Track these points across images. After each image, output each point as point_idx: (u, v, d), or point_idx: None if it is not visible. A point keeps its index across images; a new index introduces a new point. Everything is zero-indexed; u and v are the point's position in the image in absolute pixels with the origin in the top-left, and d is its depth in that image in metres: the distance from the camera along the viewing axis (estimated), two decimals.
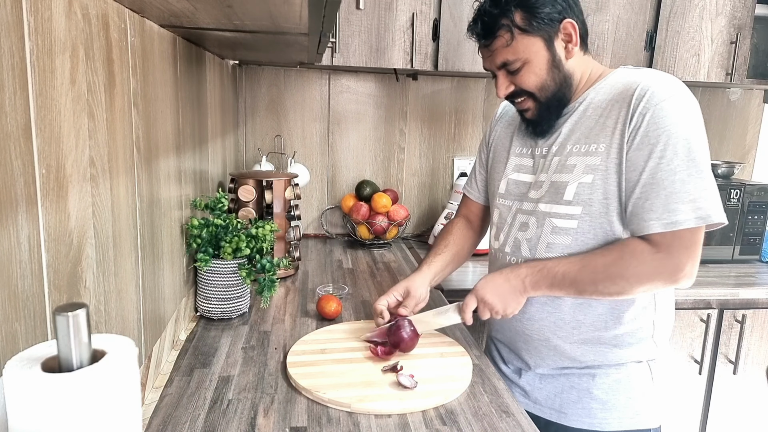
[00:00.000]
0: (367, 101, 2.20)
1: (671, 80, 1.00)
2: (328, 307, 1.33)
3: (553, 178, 1.07)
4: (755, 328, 1.88)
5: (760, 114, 2.47)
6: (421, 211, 2.33)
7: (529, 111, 1.10)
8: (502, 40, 1.04)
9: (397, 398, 0.97)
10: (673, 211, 0.94)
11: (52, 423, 0.45)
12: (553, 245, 1.07)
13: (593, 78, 1.09)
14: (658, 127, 0.95)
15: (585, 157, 1.03)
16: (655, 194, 0.95)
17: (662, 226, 0.95)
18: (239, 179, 1.63)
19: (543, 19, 1.01)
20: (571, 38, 1.04)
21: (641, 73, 1.02)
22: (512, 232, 1.15)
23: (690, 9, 1.95)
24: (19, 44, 0.55)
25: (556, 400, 1.13)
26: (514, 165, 1.18)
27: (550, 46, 1.04)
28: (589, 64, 1.10)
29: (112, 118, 0.80)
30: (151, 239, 1.01)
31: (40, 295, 0.61)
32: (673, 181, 0.94)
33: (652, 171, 0.96)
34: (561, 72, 1.06)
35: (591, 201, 1.02)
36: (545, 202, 1.08)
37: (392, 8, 1.81)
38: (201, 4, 0.80)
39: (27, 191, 0.57)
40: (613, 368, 1.09)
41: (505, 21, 1.02)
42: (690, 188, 0.94)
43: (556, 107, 1.08)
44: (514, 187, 1.17)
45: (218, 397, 0.98)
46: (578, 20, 1.05)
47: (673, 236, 0.95)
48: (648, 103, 0.96)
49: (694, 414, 1.93)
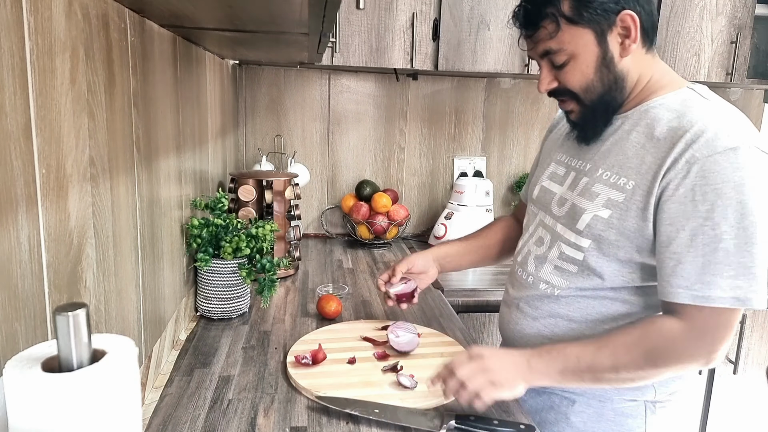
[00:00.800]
0: (367, 101, 2.20)
1: (736, 125, 0.85)
2: (328, 306, 1.33)
3: (575, 200, 0.98)
4: (755, 328, 1.88)
5: (761, 114, 2.47)
6: (421, 210, 2.33)
7: (573, 113, 0.99)
8: (545, 30, 0.92)
9: (397, 398, 0.97)
10: (708, 284, 0.82)
11: (52, 423, 0.45)
12: (561, 270, 0.99)
13: (654, 86, 0.94)
14: (707, 183, 0.82)
15: (611, 189, 0.92)
16: (691, 259, 0.83)
17: (691, 297, 0.83)
18: (239, 179, 1.63)
19: (596, 8, 0.88)
20: (630, 33, 0.90)
21: (706, 108, 0.88)
22: (529, 242, 1.09)
23: (690, 9, 1.95)
24: (19, 44, 0.55)
25: (536, 417, 1.06)
26: (550, 172, 1.09)
27: (602, 41, 0.90)
28: (652, 66, 0.95)
29: (112, 117, 0.80)
30: (151, 239, 1.01)
31: (40, 295, 0.61)
32: (715, 249, 0.81)
33: (693, 232, 0.83)
34: (611, 72, 0.92)
35: (602, 238, 0.92)
36: (562, 223, 1.00)
37: (392, 8, 1.81)
38: (201, 4, 0.80)
39: (27, 191, 0.57)
40: (596, 400, 1.00)
41: (551, 9, 0.90)
42: (735, 261, 0.81)
43: (603, 112, 0.96)
44: (543, 196, 1.08)
45: (218, 397, 0.98)
46: (643, 11, 0.90)
47: (709, 315, 0.83)
48: (701, 151, 0.83)
49: (694, 414, 1.93)
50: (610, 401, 1.00)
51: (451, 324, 1.34)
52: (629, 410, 0.99)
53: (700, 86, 0.94)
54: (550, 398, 1.05)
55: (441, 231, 2.04)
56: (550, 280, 1.01)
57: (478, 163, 2.31)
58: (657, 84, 0.94)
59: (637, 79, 0.94)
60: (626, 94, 0.95)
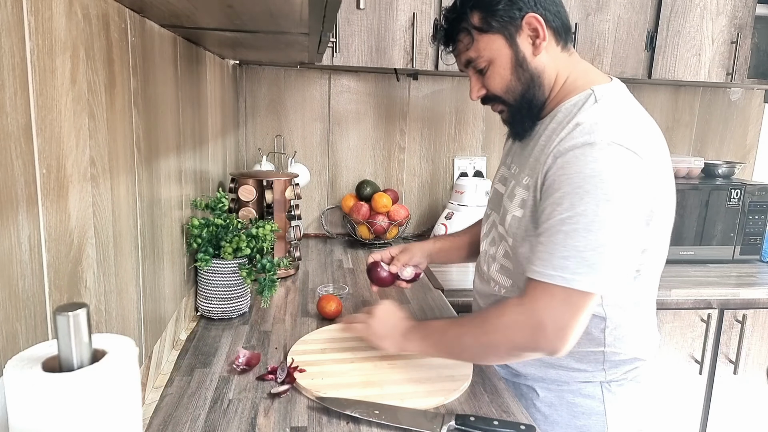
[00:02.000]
0: (367, 101, 2.20)
1: (609, 122, 0.90)
2: (329, 306, 1.33)
3: (504, 202, 1.05)
4: (756, 328, 1.88)
5: (761, 114, 2.47)
6: (421, 210, 2.33)
7: (503, 113, 1.07)
8: (462, 44, 1.01)
9: (397, 398, 0.97)
10: (544, 261, 0.88)
11: (53, 423, 0.45)
12: (504, 268, 1.06)
13: (569, 88, 1.00)
14: (564, 173, 0.88)
15: (522, 190, 0.99)
16: (543, 241, 0.89)
17: (531, 272, 0.89)
18: (240, 179, 1.63)
19: (501, 16, 0.96)
20: (538, 33, 0.96)
21: (589, 109, 0.94)
22: (484, 242, 1.16)
23: (691, 9, 1.95)
24: (19, 44, 0.55)
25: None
26: (499, 175, 1.16)
27: (513, 44, 0.98)
28: (569, 65, 1.01)
29: (113, 117, 0.80)
30: (151, 239, 1.01)
31: (40, 295, 0.61)
32: (558, 231, 0.87)
33: (547, 217, 0.89)
34: (527, 71, 0.98)
35: (516, 235, 1.00)
36: (500, 223, 1.07)
37: (392, 8, 1.81)
38: (201, 4, 0.80)
39: (27, 191, 0.57)
40: (554, 384, 1.07)
41: (464, 24, 0.99)
42: (570, 244, 0.86)
43: (528, 109, 1.02)
44: (494, 197, 1.15)
45: (219, 397, 0.98)
46: (548, 12, 0.97)
47: (543, 291, 0.87)
48: (564, 146, 0.90)
49: (694, 414, 1.93)
50: (567, 384, 1.06)
51: None
52: (586, 391, 1.05)
53: (604, 87, 0.97)
54: (519, 387, 1.11)
55: (441, 231, 2.04)
56: (497, 279, 1.08)
57: (478, 163, 2.31)
58: (572, 85, 1.00)
59: (555, 78, 1.00)
60: (546, 92, 1.01)
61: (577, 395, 1.05)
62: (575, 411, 1.05)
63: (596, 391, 1.05)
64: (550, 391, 1.07)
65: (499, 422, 0.90)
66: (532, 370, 1.07)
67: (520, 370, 1.09)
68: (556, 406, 1.06)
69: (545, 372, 1.06)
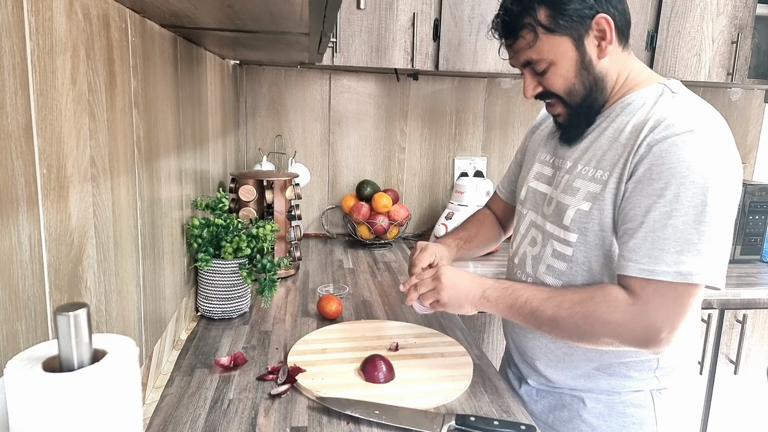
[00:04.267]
0: (367, 101, 2.20)
1: (698, 112, 0.87)
2: (329, 307, 1.33)
3: (559, 197, 1.00)
4: (756, 328, 1.88)
5: (761, 114, 2.47)
6: (421, 210, 2.33)
7: (560, 116, 1.02)
8: (524, 40, 0.95)
9: (397, 398, 0.97)
10: (654, 258, 0.84)
11: (53, 423, 0.45)
12: (552, 268, 1.01)
13: (631, 83, 0.97)
14: (663, 163, 0.84)
15: (589, 183, 0.95)
16: (643, 235, 0.85)
17: (637, 271, 0.85)
18: (240, 179, 1.63)
19: (571, 16, 0.90)
20: (605, 35, 0.92)
21: (672, 99, 0.91)
22: (523, 244, 1.11)
23: (691, 9, 1.95)
24: (20, 44, 0.55)
25: (550, 416, 1.08)
26: (535, 172, 1.11)
27: (580, 46, 0.93)
28: (628, 63, 0.98)
29: (113, 118, 0.80)
30: (151, 239, 1.01)
31: (41, 295, 0.61)
32: (665, 225, 0.83)
33: (647, 209, 0.85)
34: (591, 74, 0.95)
35: (586, 230, 0.95)
36: (550, 221, 1.02)
37: (393, 8, 1.81)
38: (201, 4, 0.80)
39: (28, 191, 0.57)
40: (604, 395, 1.02)
41: (528, 20, 0.93)
42: (682, 238, 0.82)
43: (586, 113, 0.98)
44: (532, 197, 1.11)
45: (219, 397, 0.98)
46: (616, 12, 0.93)
47: (655, 291, 0.84)
48: (660, 134, 0.86)
49: (695, 414, 1.93)
50: (618, 395, 1.01)
51: (451, 324, 1.34)
52: (637, 400, 1.01)
53: (672, 81, 0.96)
54: (561, 397, 1.07)
55: (441, 231, 2.04)
56: (545, 280, 1.03)
57: (478, 163, 2.31)
58: (633, 81, 0.97)
59: (616, 77, 0.97)
60: (607, 94, 0.98)
61: (628, 405, 1.01)
62: (626, 421, 1.01)
63: (647, 400, 1.00)
64: (599, 401, 1.02)
65: (499, 422, 0.90)
66: (582, 381, 1.03)
67: (566, 383, 1.05)
68: (606, 417, 1.02)
69: (596, 382, 1.02)
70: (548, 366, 1.06)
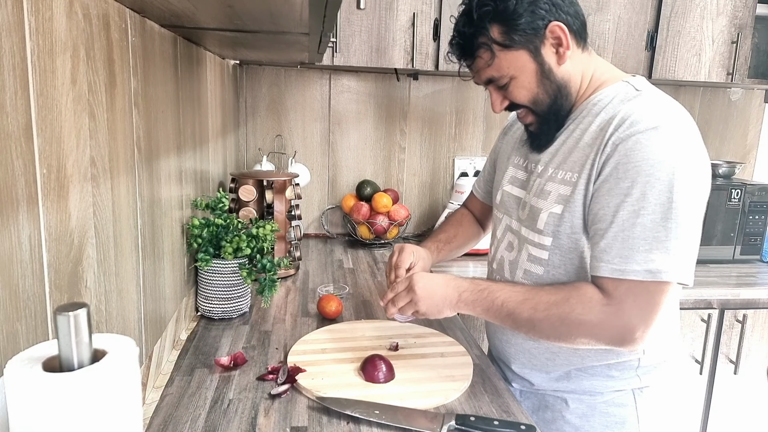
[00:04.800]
0: (367, 101, 2.20)
1: (662, 109, 0.87)
2: (329, 306, 1.33)
3: (533, 201, 1.00)
4: (756, 328, 1.88)
5: (761, 114, 2.47)
6: (421, 210, 2.33)
7: (532, 125, 1.02)
8: (482, 60, 0.95)
9: (397, 398, 0.97)
10: (626, 258, 0.84)
11: (53, 423, 0.45)
12: (529, 273, 1.01)
13: (595, 83, 0.97)
14: (629, 161, 0.84)
15: (560, 185, 0.95)
16: (613, 235, 0.85)
17: (609, 271, 0.85)
18: (240, 179, 1.63)
19: (524, 29, 0.91)
20: (562, 41, 0.92)
21: (636, 97, 0.91)
22: (500, 249, 1.11)
23: (691, 9, 1.95)
24: (20, 44, 0.55)
25: (533, 416, 1.07)
26: (509, 176, 1.11)
27: (537, 56, 0.93)
28: (590, 63, 0.98)
29: (113, 117, 0.80)
30: (151, 239, 1.01)
31: (41, 295, 0.61)
32: (634, 224, 0.83)
33: (615, 208, 0.85)
34: (553, 82, 0.95)
35: (559, 233, 0.95)
36: (525, 226, 1.02)
37: (393, 8, 1.81)
38: (201, 4, 0.80)
39: (28, 191, 0.57)
40: (587, 395, 1.03)
41: (483, 39, 0.93)
42: (651, 236, 0.83)
43: (555, 120, 0.99)
44: (507, 200, 1.11)
45: (219, 397, 0.98)
46: (569, 17, 0.93)
47: (628, 290, 0.84)
48: (624, 132, 0.86)
49: (694, 414, 1.93)
50: (600, 395, 1.02)
51: (451, 324, 1.34)
52: (619, 400, 1.01)
53: (636, 79, 0.96)
54: (544, 398, 1.07)
55: None
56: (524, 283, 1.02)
57: (478, 163, 2.31)
58: (598, 80, 0.97)
59: (580, 79, 0.97)
60: (573, 99, 0.98)
61: (610, 404, 1.01)
62: (608, 421, 1.02)
63: (629, 399, 1.01)
64: (581, 401, 1.03)
65: (499, 422, 0.90)
66: (564, 383, 1.04)
67: (548, 385, 1.06)
68: (588, 417, 1.02)
69: (578, 383, 1.02)
70: (532, 369, 1.07)
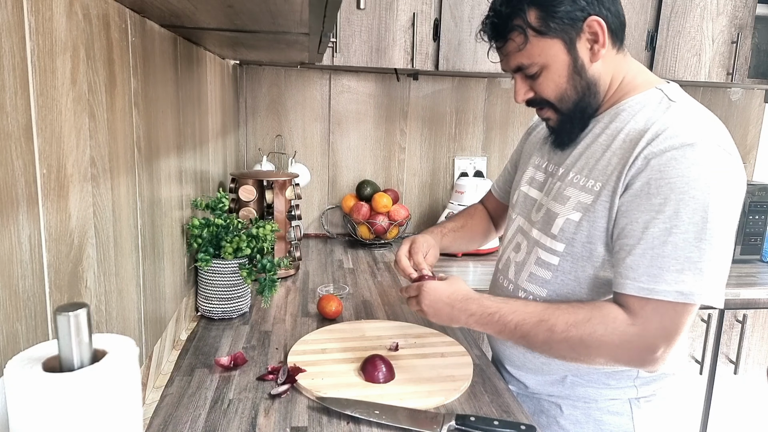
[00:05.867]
0: (367, 101, 2.20)
1: (698, 123, 0.84)
2: (329, 307, 1.33)
3: (549, 204, 0.98)
4: (756, 328, 1.88)
5: (761, 114, 2.47)
6: (421, 210, 2.33)
7: (551, 120, 0.99)
8: (514, 43, 0.92)
9: (397, 398, 0.97)
10: (654, 276, 0.81)
11: (53, 423, 0.45)
12: (535, 276, 1.00)
13: (626, 87, 0.94)
14: (662, 178, 0.81)
15: (580, 192, 0.92)
16: (641, 252, 0.82)
17: (636, 289, 0.82)
18: (240, 179, 1.63)
19: (562, 18, 0.87)
20: (598, 38, 0.89)
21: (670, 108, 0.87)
22: (508, 249, 1.10)
23: (691, 9, 1.95)
24: (20, 44, 0.55)
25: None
26: (528, 177, 1.09)
27: (571, 49, 0.90)
28: (624, 66, 0.94)
29: (113, 118, 0.80)
30: (151, 239, 1.01)
31: (41, 295, 0.61)
32: (665, 242, 0.80)
33: (645, 225, 0.82)
34: (584, 79, 0.92)
35: (574, 241, 0.92)
36: (537, 228, 1.00)
37: (393, 8, 1.81)
38: (201, 4, 0.80)
39: (28, 191, 0.57)
40: (581, 402, 1.01)
41: (518, 21, 0.90)
42: (683, 256, 0.79)
43: (579, 118, 0.95)
44: (522, 201, 1.09)
45: (219, 397, 0.98)
46: (609, 14, 0.90)
47: (654, 310, 0.82)
48: (658, 147, 0.82)
49: (694, 414, 1.93)
50: (595, 402, 1.01)
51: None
52: (615, 408, 1.00)
53: (670, 86, 0.93)
54: (539, 403, 1.07)
55: None
56: (528, 288, 1.02)
57: (478, 163, 2.31)
58: (629, 85, 0.94)
59: (609, 81, 0.94)
60: (601, 99, 0.95)
61: (605, 412, 1.00)
62: (602, 429, 1.00)
63: (625, 408, 0.99)
64: (576, 408, 1.02)
65: (499, 422, 0.90)
66: (559, 388, 1.03)
67: (543, 389, 1.05)
68: (583, 424, 1.01)
69: (573, 389, 1.01)
70: (527, 372, 1.07)
